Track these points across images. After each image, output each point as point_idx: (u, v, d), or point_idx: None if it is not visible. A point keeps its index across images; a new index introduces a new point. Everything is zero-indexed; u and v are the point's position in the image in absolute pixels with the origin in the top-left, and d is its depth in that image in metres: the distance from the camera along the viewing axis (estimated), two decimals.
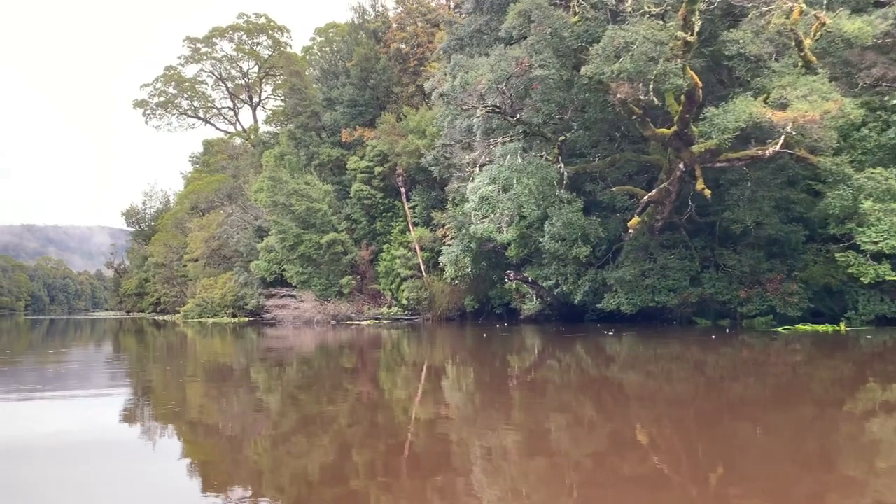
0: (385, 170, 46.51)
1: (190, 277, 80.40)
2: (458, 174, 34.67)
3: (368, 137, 48.06)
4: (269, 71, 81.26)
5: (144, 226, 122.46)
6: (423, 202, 45.77)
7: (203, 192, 78.74)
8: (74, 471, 8.29)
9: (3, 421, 11.84)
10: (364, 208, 48.12)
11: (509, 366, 20.54)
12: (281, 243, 46.74)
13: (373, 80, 49.27)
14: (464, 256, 38.66)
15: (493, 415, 11.56)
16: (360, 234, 48.18)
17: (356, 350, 28.52)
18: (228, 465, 8.55)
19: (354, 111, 50.15)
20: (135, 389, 16.48)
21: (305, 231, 46.40)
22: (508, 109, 27.13)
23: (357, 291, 46.73)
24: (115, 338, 46.12)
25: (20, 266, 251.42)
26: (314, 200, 45.92)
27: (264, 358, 25.79)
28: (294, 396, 14.36)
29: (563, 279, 35.47)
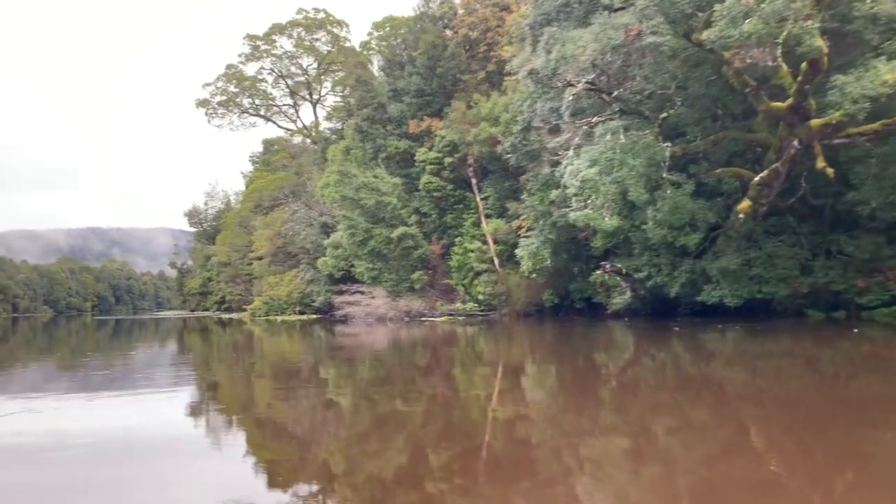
0: (455, 160, 44.83)
1: (255, 275, 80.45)
2: (546, 159, 32.67)
3: (437, 128, 46.45)
4: (329, 67, 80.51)
5: (206, 226, 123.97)
6: (495, 193, 43.93)
7: (266, 190, 78.56)
8: (141, 468, 8.25)
9: (72, 419, 11.81)
10: (433, 201, 46.54)
11: (598, 363, 19.03)
12: (350, 238, 45.54)
13: (440, 69, 47.63)
14: (544, 248, 36.68)
15: (580, 416, 10.83)
16: (431, 228, 46.63)
17: (429, 347, 27.45)
18: (296, 464, 8.40)
19: (421, 101, 48.60)
20: (202, 387, 16.40)
21: (375, 225, 45.09)
22: (605, 86, 25.08)
23: (428, 287, 45.21)
24: (180, 337, 46.06)
25: (87, 268, 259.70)
26: (383, 194, 44.56)
27: (335, 355, 25.12)
28: (366, 395, 13.97)
29: (656, 270, 33.16)
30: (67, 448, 9.36)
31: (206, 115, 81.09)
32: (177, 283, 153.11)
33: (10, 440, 10.03)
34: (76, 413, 12.59)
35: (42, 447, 9.48)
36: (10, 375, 21.20)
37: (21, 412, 12.58)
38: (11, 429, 10.88)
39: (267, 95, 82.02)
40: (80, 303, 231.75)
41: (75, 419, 11.85)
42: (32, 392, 16.21)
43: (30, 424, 11.38)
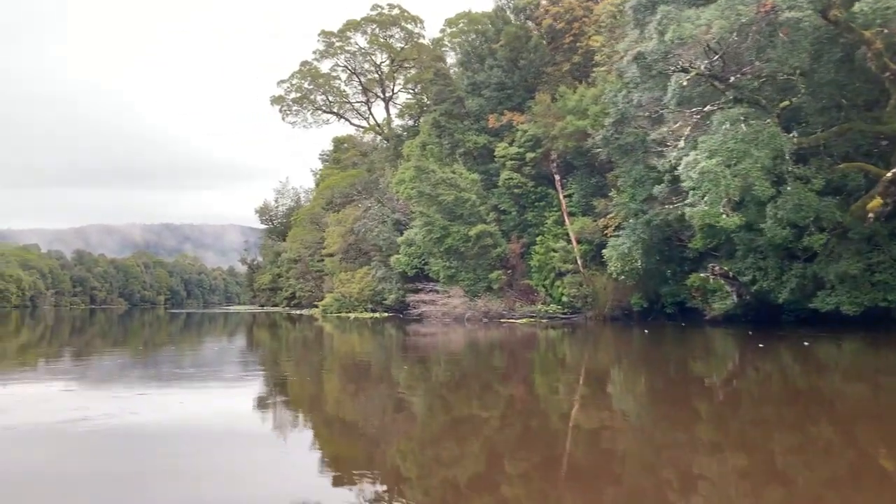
0: (537, 156, 43.06)
1: (326, 272, 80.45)
2: (642, 154, 30.69)
3: (518, 122, 44.78)
4: (402, 63, 79.71)
5: (277, 222, 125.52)
6: (580, 190, 41.96)
7: (338, 188, 78.30)
8: (209, 458, 8.34)
9: (143, 409, 11.96)
10: (513, 198, 44.87)
11: (696, 372, 17.78)
12: (427, 236, 44.29)
13: (522, 61, 45.94)
14: (635, 249, 34.57)
15: (674, 428, 10.08)
16: (510, 226, 44.96)
17: (508, 350, 26.12)
18: (364, 463, 8.30)
19: (502, 95, 47.03)
20: (271, 382, 16.42)
21: (452, 223, 43.72)
22: (720, 71, 22.95)
23: (507, 287, 43.56)
24: (250, 331, 46.18)
25: (160, 262, 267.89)
26: (462, 190, 43.16)
27: (408, 355, 24.26)
28: (441, 397, 13.65)
29: (761, 274, 30.71)
30: (137, 436, 9.57)
31: (280, 113, 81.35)
32: (247, 278, 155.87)
33: (81, 428, 10.15)
34: (147, 403, 12.81)
35: (113, 435, 9.66)
36: (86, 366, 21.95)
37: (94, 401, 12.99)
38: (84, 417, 11.05)
39: (340, 92, 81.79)
40: (153, 296, 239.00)
41: (146, 409, 12.01)
42: (107, 382, 16.71)
43: (102, 413, 11.52)
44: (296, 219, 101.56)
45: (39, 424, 10.57)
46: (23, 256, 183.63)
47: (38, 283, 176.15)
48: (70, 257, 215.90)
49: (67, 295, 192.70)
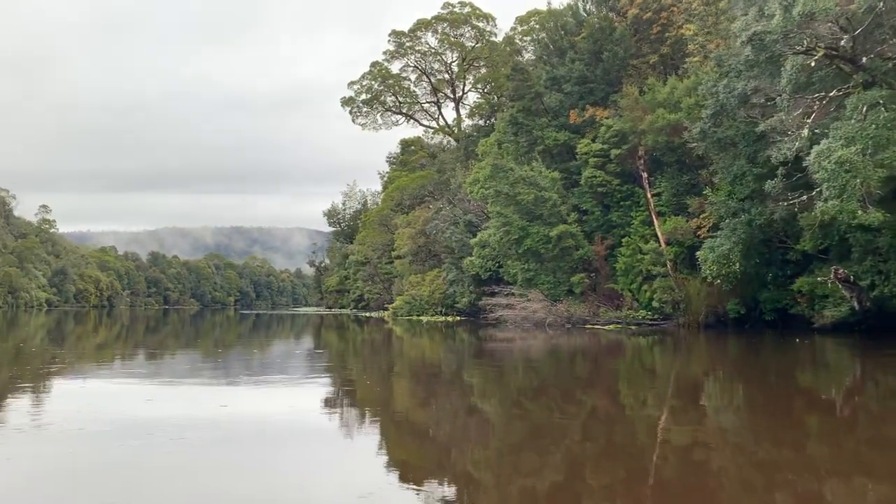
0: (623, 152, 40.69)
1: (395, 274, 79.61)
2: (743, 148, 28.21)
3: (601, 117, 42.55)
4: (473, 62, 78.25)
5: (344, 225, 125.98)
6: (670, 188, 39.37)
7: (407, 189, 77.32)
8: (274, 454, 8.43)
9: (211, 405, 12.26)
10: (597, 197, 42.60)
11: (805, 386, 16.59)
12: (504, 237, 42.44)
13: (606, 54, 43.66)
14: (735, 250, 31.92)
15: (775, 445, 9.15)
16: (593, 227, 42.69)
17: (592, 357, 24.93)
18: (433, 469, 8.18)
19: (583, 89, 44.86)
20: (339, 383, 16.49)
21: (531, 223, 41.75)
22: (850, 51, 20.41)
23: (590, 291, 41.30)
24: (318, 332, 46.51)
25: (230, 264, 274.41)
26: (542, 189, 41.15)
27: (482, 360, 23.59)
28: (517, 404, 13.16)
29: (881, 278, 27.76)
30: (204, 430, 9.78)
31: (350, 114, 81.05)
32: (314, 280, 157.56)
33: (152, 422, 10.45)
34: (215, 399, 13.21)
35: (181, 429, 9.92)
36: (160, 363, 22.70)
37: (166, 399, 13.31)
38: (154, 411, 11.52)
39: (410, 93, 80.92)
40: (224, 297, 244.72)
41: (214, 405, 12.33)
42: (179, 381, 17.29)
43: (171, 408, 11.99)
44: (364, 221, 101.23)
45: (114, 422, 10.79)
46: (101, 258, 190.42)
47: (115, 283, 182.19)
48: (145, 259, 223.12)
49: (142, 295, 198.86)
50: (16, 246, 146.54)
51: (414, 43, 77.92)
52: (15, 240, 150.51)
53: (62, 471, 7.91)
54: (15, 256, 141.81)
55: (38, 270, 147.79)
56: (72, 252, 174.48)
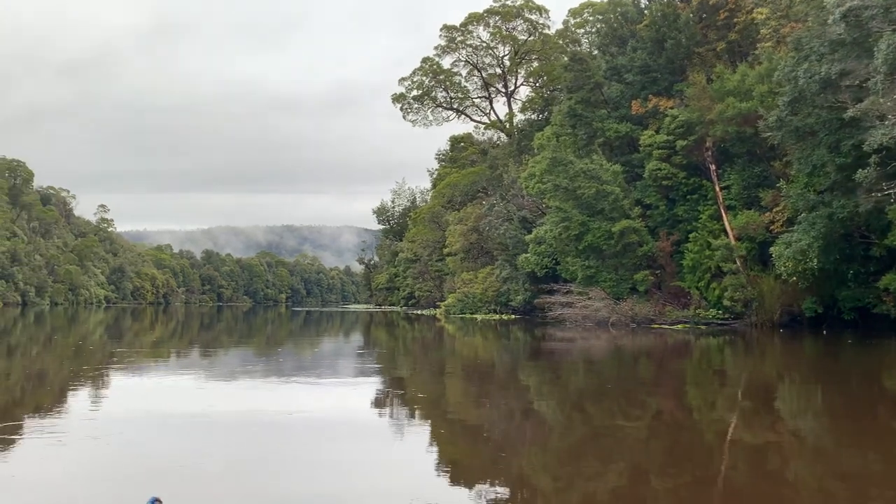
0: (689, 143, 38.77)
1: (445, 272, 78.66)
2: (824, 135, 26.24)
3: (665, 107, 40.67)
4: (526, 55, 76.64)
5: (393, 223, 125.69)
6: (740, 180, 37.31)
7: (459, 186, 76.22)
8: (325, 450, 8.58)
9: (264, 400, 12.43)
10: (661, 190, 40.74)
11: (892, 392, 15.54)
12: (564, 233, 40.93)
13: (670, 42, 41.74)
14: (814, 246, 29.89)
15: (858, 452, 8.43)
16: (657, 222, 40.84)
17: (658, 358, 23.90)
18: (487, 468, 7.87)
19: (646, 79, 43.01)
20: (391, 380, 16.38)
21: (592, 218, 40.17)
22: None
23: (655, 289, 39.54)
24: (368, 330, 46.54)
25: (281, 262, 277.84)
26: (604, 182, 39.52)
27: (541, 360, 22.73)
28: (577, 406, 12.88)
29: None
30: (258, 426, 9.85)
31: (400, 111, 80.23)
32: (363, 278, 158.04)
33: (207, 417, 10.59)
34: (268, 395, 13.32)
35: (236, 424, 10.07)
36: (213, 358, 22.91)
37: (219, 392, 13.65)
38: (209, 406, 11.52)
39: (461, 88, 79.64)
40: (275, 294, 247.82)
41: (267, 400, 12.49)
42: (233, 375, 17.34)
43: (225, 403, 12.11)
44: (413, 218, 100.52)
45: (172, 415, 10.95)
46: (157, 256, 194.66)
47: (171, 280, 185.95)
48: (199, 257, 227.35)
49: (197, 292, 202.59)
50: (76, 245, 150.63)
51: (465, 37, 76.67)
52: (75, 239, 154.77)
53: (120, 461, 8.11)
54: (75, 255, 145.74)
55: (97, 268, 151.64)
56: (129, 250, 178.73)
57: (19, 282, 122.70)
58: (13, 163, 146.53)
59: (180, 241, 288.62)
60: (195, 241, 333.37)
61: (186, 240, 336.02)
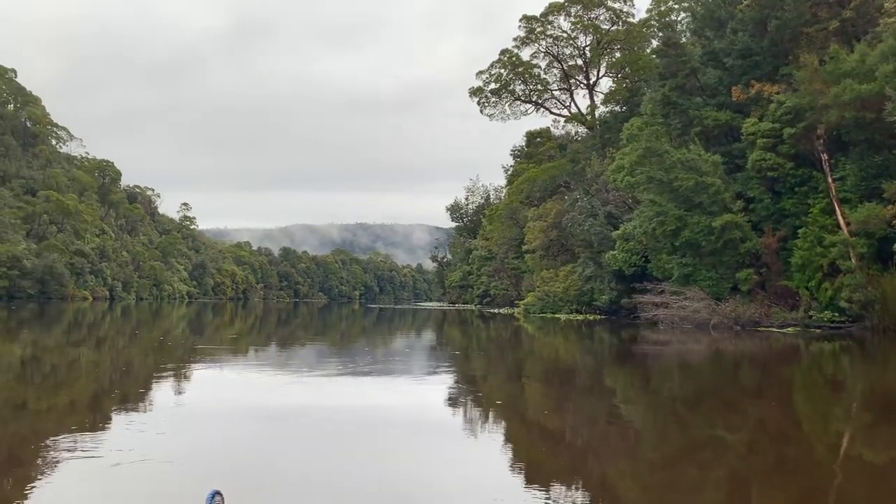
0: (798, 131, 35.63)
1: (523, 270, 76.63)
2: None
3: (770, 93, 37.61)
4: (609, 45, 73.76)
5: (467, 220, 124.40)
6: (857, 170, 33.97)
7: (538, 181, 74.02)
8: (398, 446, 8.51)
9: (339, 395, 12.44)
10: (765, 182, 37.65)
11: None
12: (658, 228, 38.41)
13: (775, 21, 38.56)
14: None
15: None
16: (761, 216, 37.77)
17: (762, 364, 22.23)
18: (566, 472, 7.56)
19: (747, 63, 39.96)
20: (468, 380, 16.29)
21: (689, 213, 37.51)
22: None
23: (759, 288, 36.56)
24: (442, 328, 45.77)
25: (355, 260, 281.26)
26: (703, 174, 36.80)
27: (635, 363, 21.72)
28: (670, 412, 12.08)
29: None
30: (332, 422, 9.84)
31: (478, 105, 78.56)
32: (436, 275, 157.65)
33: (283, 411, 10.82)
34: (342, 390, 13.35)
35: (310, 419, 10.15)
36: (290, 353, 23.30)
37: (295, 386, 13.67)
38: (286, 400, 11.77)
39: (541, 80, 77.33)
40: (349, 291, 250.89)
41: (341, 395, 12.52)
42: (309, 370, 17.49)
43: (301, 397, 12.22)
44: (489, 215, 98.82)
45: (248, 408, 11.18)
46: (237, 253, 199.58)
47: (250, 277, 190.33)
48: (277, 254, 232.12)
49: (274, 288, 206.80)
50: (160, 242, 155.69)
51: (545, 28, 74.36)
52: (159, 236, 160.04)
53: (203, 450, 8.40)
54: (159, 251, 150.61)
55: (180, 265, 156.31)
56: (210, 247, 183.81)
57: (108, 277, 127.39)
58: (103, 163, 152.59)
59: (259, 239, 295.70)
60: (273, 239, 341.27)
61: (265, 237, 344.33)
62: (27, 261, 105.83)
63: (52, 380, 15.68)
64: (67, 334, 32.13)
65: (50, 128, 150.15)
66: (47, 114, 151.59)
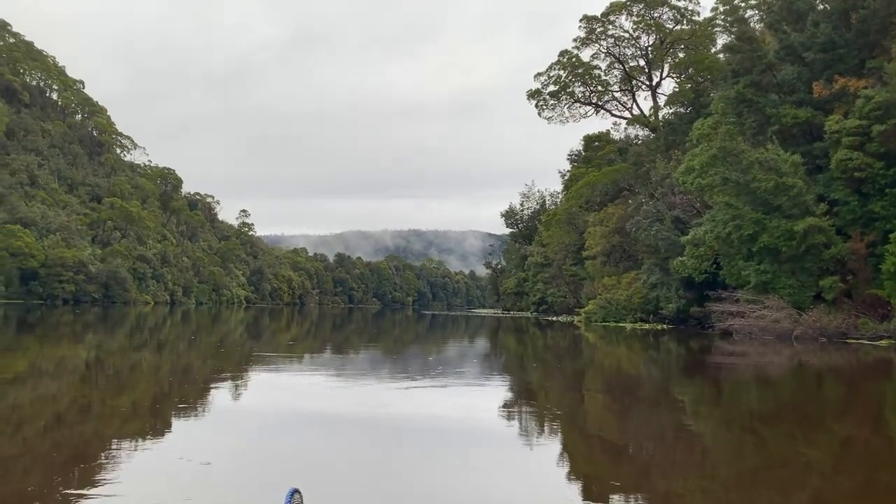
0: (889, 128, 33.13)
1: (582, 276, 74.62)
2: None
3: (856, 88, 35.20)
4: (673, 45, 71.39)
5: (522, 226, 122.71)
6: None
7: (598, 185, 71.96)
8: (451, 454, 8.43)
9: (390, 402, 12.56)
10: (851, 184, 35.14)
11: None
12: (734, 232, 36.26)
13: (862, 11, 36.18)
14: None
15: None
16: (846, 220, 35.26)
17: (849, 379, 20.75)
18: (629, 486, 7.23)
19: (830, 57, 37.58)
20: (521, 388, 16.08)
21: (767, 216, 35.30)
22: None
23: (844, 297, 34.10)
24: (496, 335, 44.68)
25: (409, 266, 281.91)
26: (783, 174, 34.57)
27: (706, 375, 20.56)
28: (750, 428, 11.23)
29: None
30: (389, 430, 9.89)
31: (535, 108, 77.15)
32: (490, 282, 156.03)
33: (336, 415, 11.11)
34: (398, 397, 13.24)
35: (364, 423, 10.34)
36: (345, 359, 23.32)
37: (351, 392, 13.83)
38: (342, 406, 11.89)
39: (601, 81, 75.40)
40: (402, 297, 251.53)
41: (395, 401, 12.51)
42: (362, 375, 17.68)
43: (353, 403, 12.27)
44: (545, 221, 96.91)
45: (305, 413, 11.30)
46: (293, 259, 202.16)
47: (306, 282, 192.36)
48: (332, 260, 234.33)
49: (329, 294, 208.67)
50: (219, 247, 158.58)
51: (606, 28, 72.51)
52: (219, 242, 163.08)
53: (254, 453, 8.44)
54: (219, 257, 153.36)
55: (238, 270, 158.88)
56: (267, 253, 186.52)
57: (169, 282, 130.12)
58: (164, 170, 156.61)
59: (314, 245, 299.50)
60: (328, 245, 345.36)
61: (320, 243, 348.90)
62: (92, 266, 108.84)
63: (115, 382, 16.00)
64: (130, 338, 32.25)
65: (115, 137, 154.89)
66: (113, 123, 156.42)
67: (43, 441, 9.14)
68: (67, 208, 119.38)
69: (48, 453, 8.40)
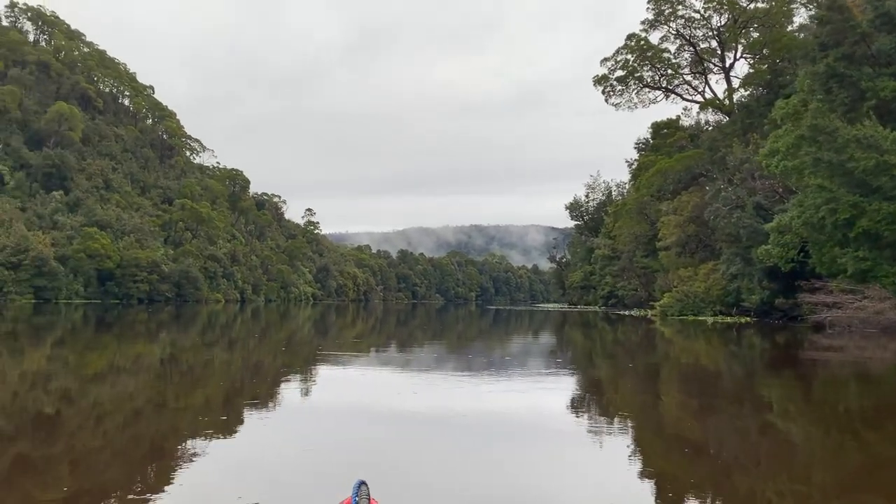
0: None
1: (653, 269, 71.99)
2: None
3: None
4: (747, 23, 67.87)
5: (587, 218, 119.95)
6: None
7: (670, 173, 69.10)
8: (515, 449, 8.38)
9: (456, 397, 12.54)
10: None
11: None
12: (829, 217, 33.66)
13: None
14: None
15: None
16: None
17: None
18: (711, 487, 6.83)
19: None
20: (591, 384, 15.73)
21: (866, 199, 32.61)
22: None
23: None
24: (563, 330, 43.38)
25: (471, 261, 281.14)
26: (884, 153, 31.83)
27: (801, 371, 19.07)
28: (845, 428, 10.47)
29: None
30: (455, 426, 9.84)
31: (602, 94, 74.68)
32: (555, 276, 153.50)
33: (401, 409, 11.20)
34: (463, 392, 13.17)
35: (430, 419, 10.41)
36: (410, 354, 23.39)
37: (415, 388, 13.82)
38: (408, 401, 12.00)
39: (671, 65, 72.41)
40: (465, 292, 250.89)
41: (462, 398, 12.43)
42: (426, 370, 17.73)
43: (422, 399, 12.31)
44: (613, 212, 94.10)
45: (370, 409, 11.30)
46: (357, 256, 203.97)
47: (370, 279, 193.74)
48: (395, 256, 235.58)
49: (393, 290, 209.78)
50: (287, 246, 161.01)
51: (675, 8, 69.44)
52: (286, 240, 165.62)
53: (323, 446, 8.59)
54: (286, 255, 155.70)
55: (305, 268, 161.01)
56: (333, 251, 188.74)
57: (238, 280, 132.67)
58: (233, 172, 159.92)
59: (378, 242, 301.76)
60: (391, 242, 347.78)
61: (383, 240, 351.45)
62: (165, 266, 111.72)
63: (189, 378, 16.21)
64: (202, 335, 32.29)
65: (184, 140, 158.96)
66: (182, 126, 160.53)
67: (122, 435, 9.43)
68: (140, 210, 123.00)
69: (126, 447, 8.61)
